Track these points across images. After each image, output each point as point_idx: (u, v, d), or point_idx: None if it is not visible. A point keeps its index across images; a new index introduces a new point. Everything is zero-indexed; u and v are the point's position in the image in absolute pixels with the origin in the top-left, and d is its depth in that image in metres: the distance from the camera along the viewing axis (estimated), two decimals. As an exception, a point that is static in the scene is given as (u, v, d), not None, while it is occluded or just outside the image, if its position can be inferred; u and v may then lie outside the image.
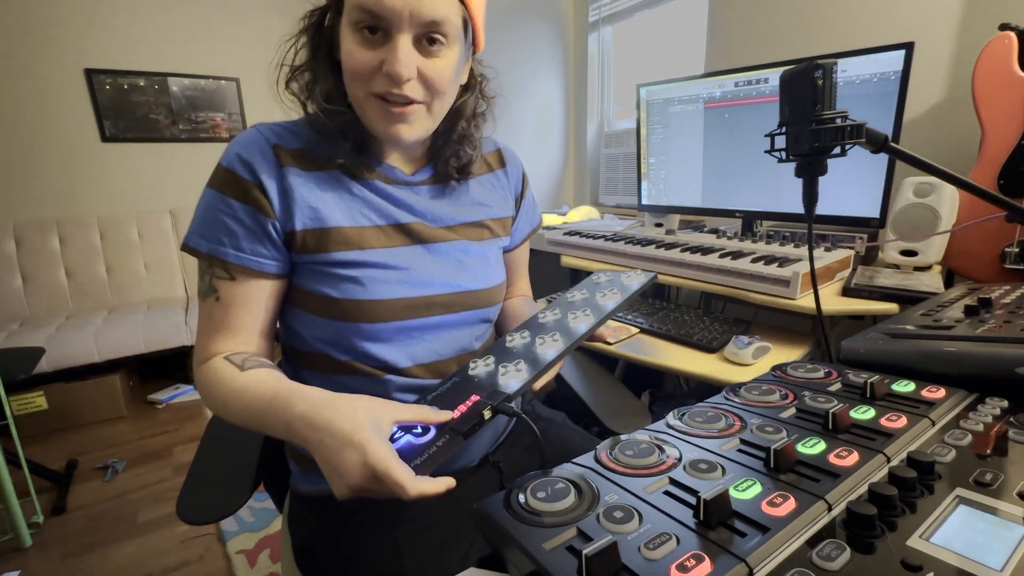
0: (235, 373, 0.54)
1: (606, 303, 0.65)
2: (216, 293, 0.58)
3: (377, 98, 0.56)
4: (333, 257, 0.58)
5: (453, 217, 0.68)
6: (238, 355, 0.57)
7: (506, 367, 0.56)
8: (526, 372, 0.54)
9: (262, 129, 0.60)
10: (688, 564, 0.27)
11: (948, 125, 1.26)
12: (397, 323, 0.61)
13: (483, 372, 0.57)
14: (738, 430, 0.43)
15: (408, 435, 0.49)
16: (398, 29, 0.53)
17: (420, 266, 0.63)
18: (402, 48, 0.53)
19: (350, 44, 0.54)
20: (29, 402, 2.16)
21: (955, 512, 0.31)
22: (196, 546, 1.52)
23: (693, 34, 1.94)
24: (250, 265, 0.57)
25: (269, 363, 0.58)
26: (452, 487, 0.44)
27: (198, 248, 0.56)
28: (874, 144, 0.61)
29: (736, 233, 1.34)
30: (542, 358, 0.56)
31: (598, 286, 0.71)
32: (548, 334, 0.60)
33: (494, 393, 0.52)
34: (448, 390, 0.56)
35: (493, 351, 0.61)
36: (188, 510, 0.66)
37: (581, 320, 0.62)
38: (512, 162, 0.78)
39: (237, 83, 3.00)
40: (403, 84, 0.54)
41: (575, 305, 0.67)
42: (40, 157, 2.60)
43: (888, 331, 0.58)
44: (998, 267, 1.03)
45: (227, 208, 0.56)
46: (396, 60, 0.53)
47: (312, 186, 0.59)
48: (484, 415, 0.49)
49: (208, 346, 0.58)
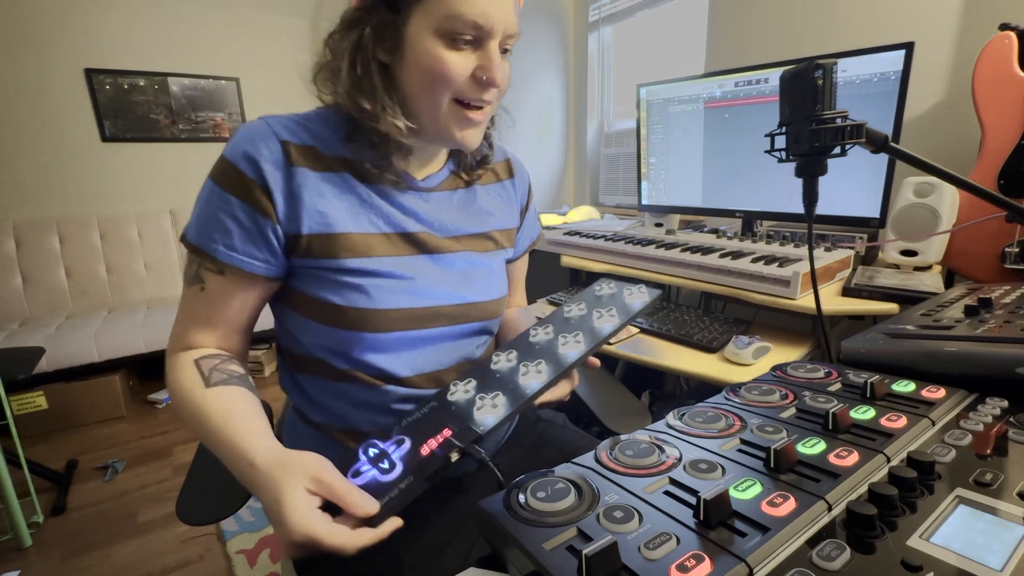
0: (199, 389, 0.53)
1: (602, 326, 0.61)
2: (202, 283, 0.56)
3: (457, 104, 0.57)
4: (339, 264, 0.57)
5: (460, 227, 0.67)
6: (208, 359, 0.56)
7: (483, 399, 0.54)
8: (503, 408, 0.52)
9: (271, 122, 0.57)
10: (688, 564, 0.27)
11: (948, 125, 1.26)
12: (400, 333, 0.60)
13: (462, 399, 0.55)
14: (738, 430, 0.43)
15: (375, 469, 0.48)
16: (491, 38, 0.54)
17: (425, 276, 0.62)
18: (498, 56, 0.55)
19: (438, 50, 0.53)
20: (29, 402, 2.16)
21: (955, 512, 0.31)
22: (196, 546, 1.52)
23: (693, 34, 1.94)
24: (240, 265, 0.55)
25: (237, 374, 0.56)
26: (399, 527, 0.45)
27: (190, 240, 0.55)
28: (874, 144, 0.61)
29: (736, 233, 1.34)
30: (523, 390, 0.54)
31: (599, 301, 0.67)
32: (533, 362, 0.58)
33: (465, 431, 0.50)
34: (423, 416, 0.54)
35: (476, 374, 0.59)
36: (188, 510, 0.66)
37: (571, 346, 0.59)
38: (520, 173, 0.78)
39: (237, 83, 3.00)
40: (493, 89, 0.56)
41: (569, 325, 0.63)
42: (40, 157, 2.60)
43: (888, 331, 0.58)
44: (998, 267, 1.03)
45: (225, 204, 0.54)
46: (495, 68, 0.55)
47: (321, 188, 0.57)
48: (451, 458, 0.48)
49: (184, 335, 0.58)
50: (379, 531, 0.44)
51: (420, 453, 0.49)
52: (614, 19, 2.36)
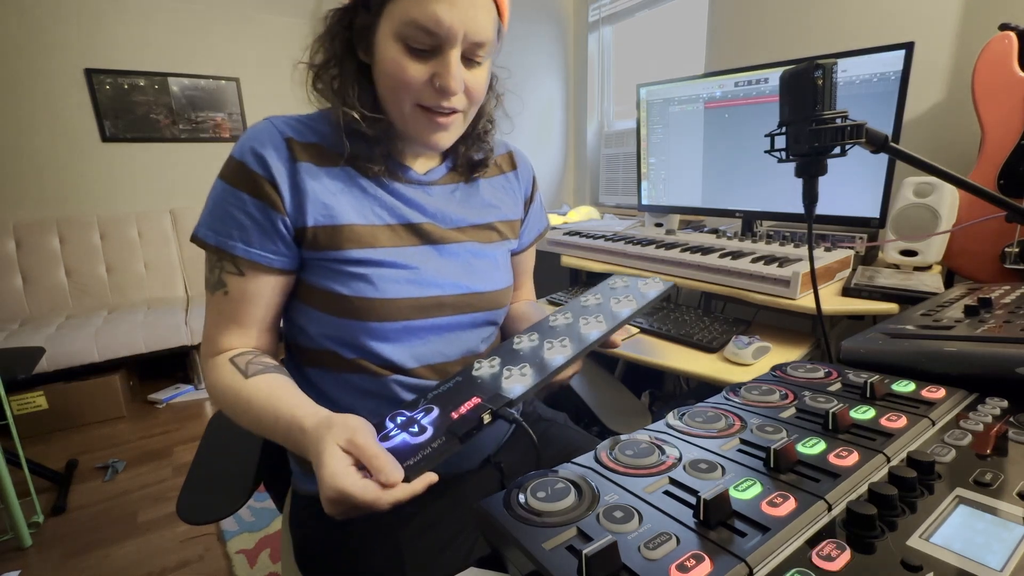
0: (240, 381, 0.55)
1: (621, 310, 0.63)
2: (225, 287, 0.58)
3: (421, 108, 0.57)
4: (344, 255, 0.58)
5: (463, 219, 0.68)
6: (243, 356, 0.58)
7: (511, 370, 0.55)
8: (531, 377, 0.53)
9: (275, 122, 0.59)
10: (688, 564, 0.27)
11: (948, 125, 1.26)
12: (404, 323, 0.61)
13: (487, 374, 0.56)
14: (738, 430, 0.43)
15: (404, 433, 0.49)
16: (451, 46, 0.54)
17: (429, 266, 0.63)
18: (454, 64, 0.55)
19: (396, 55, 0.54)
20: (29, 402, 2.16)
21: (955, 512, 0.31)
22: (196, 546, 1.52)
23: (693, 34, 1.94)
24: (259, 260, 0.57)
25: (272, 364, 0.58)
26: (434, 482, 0.45)
27: (207, 240, 0.57)
28: (874, 144, 0.61)
29: (736, 233, 1.34)
30: (549, 363, 0.55)
31: (614, 291, 0.69)
32: (557, 339, 0.59)
33: (495, 397, 0.51)
34: (449, 390, 0.55)
35: (499, 352, 0.60)
36: (188, 510, 0.66)
37: (593, 327, 0.60)
38: (523, 165, 0.79)
39: (237, 83, 3.00)
40: (451, 97, 0.56)
41: (588, 310, 0.65)
42: (40, 157, 2.60)
43: (888, 331, 0.58)
44: (998, 267, 1.03)
45: (238, 201, 0.56)
46: (450, 76, 0.55)
47: (325, 182, 0.59)
48: (483, 419, 0.48)
49: (216, 340, 0.59)
50: (412, 486, 0.43)
51: (450, 417, 0.49)
52: (614, 19, 2.36)
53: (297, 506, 0.69)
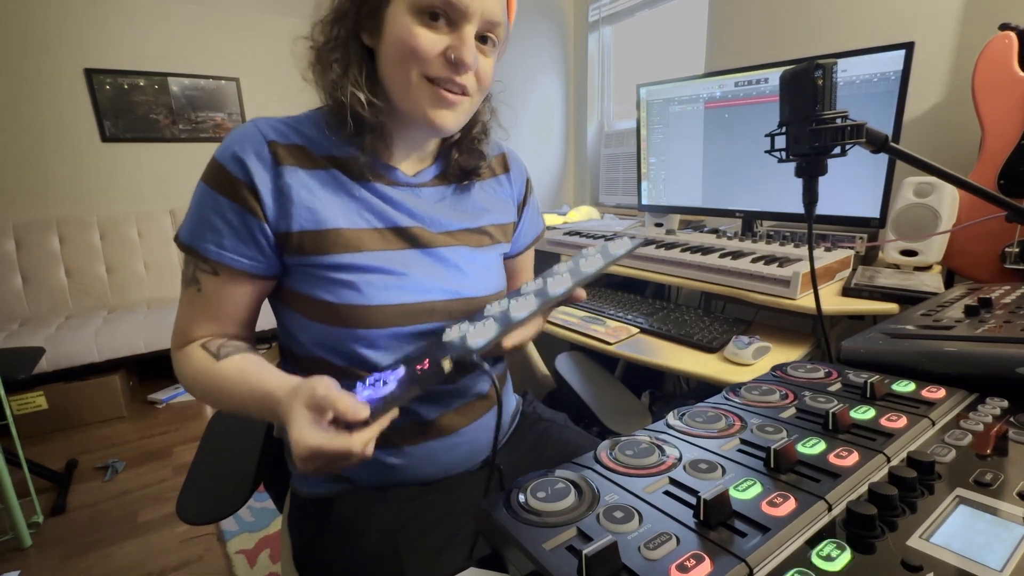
0: (211, 364, 0.56)
1: (587, 268, 0.63)
2: (198, 284, 0.58)
3: (428, 81, 0.56)
4: (330, 260, 0.58)
5: (453, 222, 0.66)
6: (213, 341, 0.58)
7: (475, 326, 0.55)
8: (493, 330, 0.53)
9: (260, 124, 0.58)
10: (688, 564, 0.27)
11: (948, 125, 1.26)
12: (394, 329, 0.60)
13: (455, 336, 0.56)
14: (738, 430, 0.43)
15: (369, 388, 0.50)
16: (467, 21, 0.54)
17: (419, 271, 0.62)
18: (470, 38, 0.55)
19: (409, 24, 0.54)
20: (29, 402, 2.16)
21: (955, 512, 0.31)
22: (196, 546, 1.52)
23: (693, 34, 1.94)
24: (230, 264, 0.56)
25: (244, 346, 0.59)
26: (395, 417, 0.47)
27: (183, 239, 0.57)
28: (874, 144, 0.61)
29: (736, 233, 1.34)
30: (513, 317, 0.55)
31: (583, 255, 0.69)
32: (523, 296, 0.59)
33: (456, 346, 0.52)
34: (418, 351, 0.56)
35: (470, 316, 0.61)
36: (188, 510, 0.66)
37: (559, 283, 0.60)
38: (516, 168, 0.77)
39: (237, 83, 3.00)
40: (464, 73, 0.56)
41: (556, 271, 0.65)
42: (40, 157, 2.60)
43: (888, 331, 0.58)
44: (998, 267, 1.03)
45: (215, 204, 0.55)
46: (465, 47, 0.54)
47: (311, 185, 0.58)
48: (443, 366, 0.49)
49: (186, 331, 0.60)
50: (379, 423, 0.45)
51: (415, 372, 0.50)
52: (614, 19, 2.36)
53: (297, 507, 0.68)
